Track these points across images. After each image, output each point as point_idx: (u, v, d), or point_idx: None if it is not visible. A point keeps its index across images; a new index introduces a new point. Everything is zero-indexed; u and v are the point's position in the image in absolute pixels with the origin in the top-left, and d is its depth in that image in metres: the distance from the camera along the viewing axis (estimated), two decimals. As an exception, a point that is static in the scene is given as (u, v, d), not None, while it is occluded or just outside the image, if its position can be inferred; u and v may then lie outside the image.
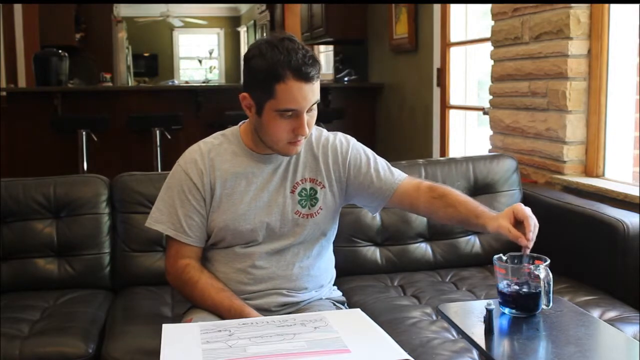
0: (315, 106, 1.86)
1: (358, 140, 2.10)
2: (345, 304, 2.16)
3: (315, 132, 2.03)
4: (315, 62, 1.81)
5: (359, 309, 1.76)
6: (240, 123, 2.03)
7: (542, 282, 1.59)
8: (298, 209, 1.97)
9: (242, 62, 1.94)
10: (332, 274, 2.17)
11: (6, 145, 6.15)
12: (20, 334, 2.21)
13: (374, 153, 2.08)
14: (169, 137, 6.22)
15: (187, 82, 12.15)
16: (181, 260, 1.96)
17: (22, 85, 7.27)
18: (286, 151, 1.90)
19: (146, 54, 14.77)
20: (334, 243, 2.15)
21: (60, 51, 6.63)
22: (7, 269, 2.61)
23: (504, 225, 1.70)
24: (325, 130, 2.08)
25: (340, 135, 2.08)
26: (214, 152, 1.97)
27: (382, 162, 2.06)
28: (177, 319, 2.16)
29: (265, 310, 1.96)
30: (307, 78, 1.79)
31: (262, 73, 1.80)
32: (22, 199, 2.65)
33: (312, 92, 1.81)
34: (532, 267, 1.61)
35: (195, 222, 1.95)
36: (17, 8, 7.18)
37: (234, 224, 1.94)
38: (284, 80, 1.78)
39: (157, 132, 6.26)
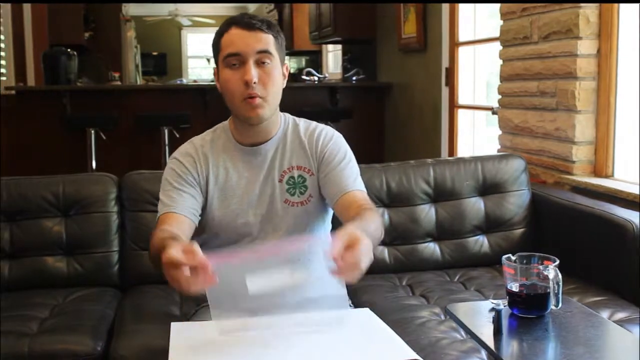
0: (270, 64, 1.85)
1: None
2: (349, 302, 2.15)
3: (303, 123, 2.03)
4: (264, 20, 1.87)
5: (367, 309, 1.76)
6: (230, 117, 2.02)
7: (551, 283, 1.59)
8: (287, 198, 1.95)
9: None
10: None
11: (15, 143, 6.17)
12: (29, 331, 2.22)
13: (353, 158, 2.02)
14: (177, 135, 6.23)
15: (195, 81, 12.14)
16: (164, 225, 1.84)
17: (31, 84, 7.28)
18: (245, 112, 1.86)
19: (155, 53, 14.78)
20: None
21: (69, 50, 6.65)
22: (17, 267, 2.62)
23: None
24: (315, 122, 2.06)
25: (328, 128, 2.05)
26: (206, 147, 1.98)
27: (353, 167, 1.99)
28: (185, 317, 2.16)
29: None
30: (248, 25, 1.84)
31: (215, 36, 1.90)
32: (32, 197, 2.66)
33: (255, 40, 1.83)
34: (541, 267, 1.61)
35: (188, 194, 1.89)
36: (26, 7, 7.20)
37: (226, 219, 1.93)
38: (227, 30, 1.86)
39: (166, 130, 6.27)
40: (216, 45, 1.89)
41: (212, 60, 1.95)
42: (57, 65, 6.48)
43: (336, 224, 2.18)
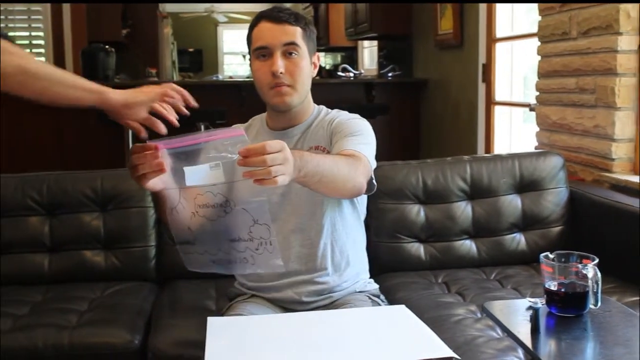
0: (297, 55, 1.93)
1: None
2: (381, 297, 2.14)
3: (334, 113, 2.08)
4: (292, 13, 1.96)
5: (403, 306, 1.76)
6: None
7: (590, 282, 1.57)
8: None
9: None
10: (362, 260, 2.14)
11: (55, 139, 6.26)
12: (68, 324, 2.26)
13: (368, 136, 1.99)
14: (213, 131, 6.26)
15: (231, 77, 12.21)
16: None
17: (70, 80, 7.38)
18: (272, 99, 1.98)
19: (191, 50, 14.86)
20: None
21: (107, 47, 6.71)
22: (56, 261, 2.67)
23: None
24: (346, 112, 2.09)
25: (354, 114, 2.08)
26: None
27: (362, 139, 1.96)
28: (221, 312, 2.18)
29: (297, 303, 1.96)
30: (275, 19, 1.94)
31: (248, 30, 2.01)
32: (71, 191, 2.70)
33: (283, 33, 1.93)
34: (580, 266, 1.59)
35: None
36: (66, 6, 7.30)
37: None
38: (257, 24, 1.97)
39: (202, 126, 6.31)
40: (248, 38, 2.01)
41: (247, 57, 2.00)
42: (96, 61, 6.55)
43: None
